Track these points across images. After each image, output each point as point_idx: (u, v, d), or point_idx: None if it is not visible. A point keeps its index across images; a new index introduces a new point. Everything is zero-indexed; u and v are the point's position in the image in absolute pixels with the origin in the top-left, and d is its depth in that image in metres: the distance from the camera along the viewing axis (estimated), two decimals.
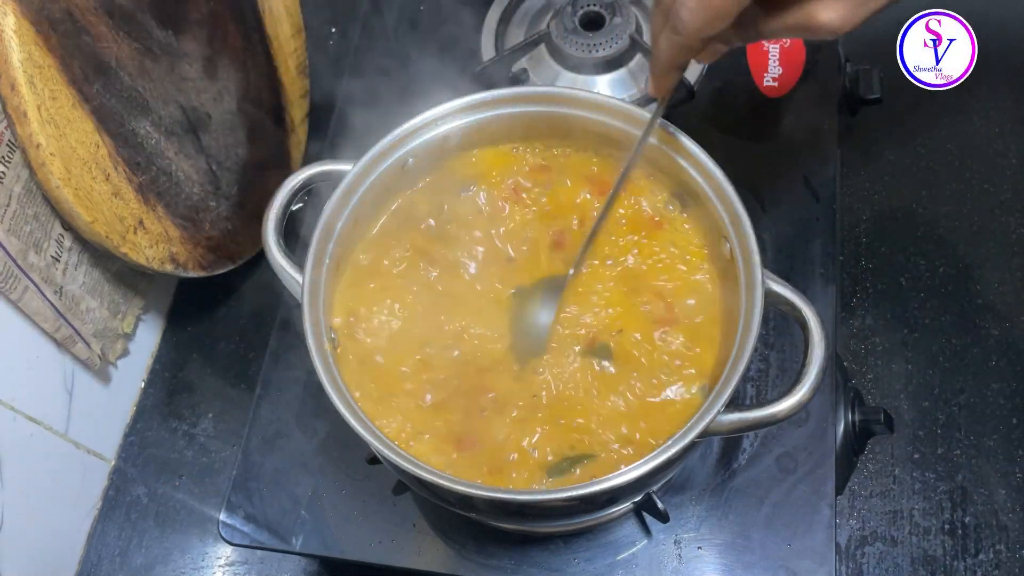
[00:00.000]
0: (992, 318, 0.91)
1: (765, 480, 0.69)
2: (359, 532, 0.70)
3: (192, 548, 0.87)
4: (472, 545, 0.69)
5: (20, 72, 0.63)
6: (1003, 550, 0.81)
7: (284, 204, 0.62)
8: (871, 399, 0.88)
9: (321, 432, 0.74)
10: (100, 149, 0.70)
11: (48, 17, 0.64)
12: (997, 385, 0.88)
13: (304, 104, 0.99)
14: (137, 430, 0.92)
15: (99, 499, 0.89)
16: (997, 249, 0.94)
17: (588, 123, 0.64)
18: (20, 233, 0.69)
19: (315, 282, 0.59)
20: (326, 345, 0.58)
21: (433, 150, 0.65)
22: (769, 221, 0.77)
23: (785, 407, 0.54)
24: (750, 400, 0.72)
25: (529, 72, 0.85)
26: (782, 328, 0.74)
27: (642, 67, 0.84)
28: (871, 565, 0.81)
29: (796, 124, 0.82)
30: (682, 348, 0.60)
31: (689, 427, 0.53)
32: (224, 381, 0.94)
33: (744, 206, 0.58)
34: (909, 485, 0.84)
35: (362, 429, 0.54)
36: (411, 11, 0.93)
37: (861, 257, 0.95)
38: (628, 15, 0.84)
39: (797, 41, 0.85)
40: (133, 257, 0.74)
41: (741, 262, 0.57)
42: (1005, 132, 1.00)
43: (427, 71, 0.88)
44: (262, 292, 0.96)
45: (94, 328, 0.81)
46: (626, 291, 0.62)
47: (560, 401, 0.60)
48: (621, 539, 0.68)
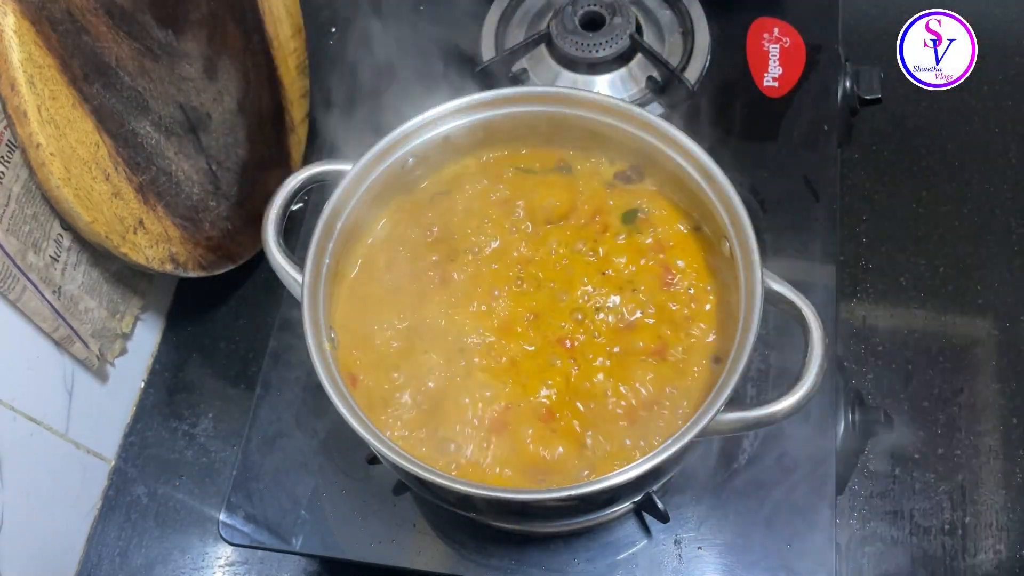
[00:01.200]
0: (992, 318, 0.91)
1: (765, 480, 0.69)
2: (359, 532, 0.70)
3: (192, 548, 0.87)
4: (472, 545, 0.69)
5: (20, 72, 0.63)
6: (1003, 550, 0.81)
7: (284, 204, 0.63)
8: (871, 399, 0.88)
9: (321, 432, 0.74)
10: (100, 149, 0.70)
11: (48, 17, 0.64)
12: (997, 385, 0.88)
13: (304, 104, 0.99)
14: (137, 430, 0.92)
15: (99, 499, 0.89)
16: (997, 249, 0.94)
17: (588, 123, 0.64)
18: (19, 233, 0.69)
19: (315, 282, 0.59)
20: (326, 345, 0.58)
21: (433, 150, 0.65)
22: (769, 221, 0.77)
23: (785, 406, 0.54)
24: (750, 400, 0.72)
25: (529, 72, 0.85)
26: (782, 328, 0.73)
27: (642, 67, 0.84)
28: (871, 565, 0.81)
29: (796, 124, 0.82)
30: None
31: (689, 426, 0.53)
32: (224, 381, 0.94)
33: (744, 206, 0.58)
34: (909, 485, 0.84)
35: (362, 429, 0.54)
36: (411, 11, 0.93)
37: (861, 257, 0.95)
38: (628, 15, 0.84)
39: (797, 41, 0.85)
40: (133, 257, 0.74)
41: (741, 262, 0.57)
42: (1005, 132, 1.00)
43: (427, 71, 0.88)
44: (262, 292, 0.96)
45: (92, 328, 0.81)
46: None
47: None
48: (621, 539, 0.68)
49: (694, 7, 0.87)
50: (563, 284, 0.64)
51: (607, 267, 0.64)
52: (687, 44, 0.85)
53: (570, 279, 0.64)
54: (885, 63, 0.87)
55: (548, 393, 0.60)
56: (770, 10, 0.87)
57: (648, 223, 0.65)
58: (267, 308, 0.94)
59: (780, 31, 0.85)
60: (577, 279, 0.64)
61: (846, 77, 0.85)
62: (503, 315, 0.63)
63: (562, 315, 0.63)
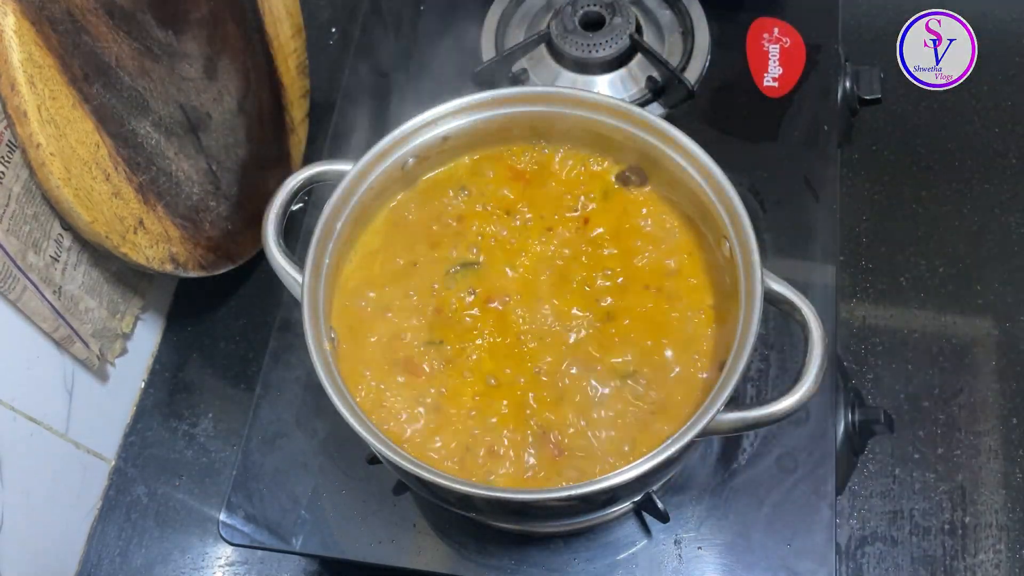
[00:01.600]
0: (992, 318, 0.91)
1: (765, 480, 0.69)
2: (359, 532, 0.70)
3: (192, 548, 0.87)
4: (472, 545, 0.69)
5: (20, 72, 0.63)
6: (1003, 550, 0.81)
7: (284, 204, 0.62)
8: (871, 399, 0.88)
9: (321, 432, 0.74)
10: (100, 149, 0.70)
11: (48, 17, 0.64)
12: (997, 385, 0.88)
13: (304, 104, 0.99)
14: (137, 430, 0.92)
15: (99, 499, 0.89)
16: (997, 249, 0.94)
17: (588, 123, 0.64)
18: (19, 233, 0.69)
19: (315, 282, 0.59)
20: (326, 345, 0.58)
21: (433, 150, 0.65)
22: (769, 221, 0.77)
23: (785, 406, 0.54)
24: (750, 400, 0.72)
25: (529, 72, 0.85)
26: (782, 328, 0.73)
27: (642, 67, 0.84)
28: (871, 565, 0.81)
29: (796, 124, 0.82)
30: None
31: (689, 426, 0.53)
32: (224, 381, 0.94)
33: (744, 206, 0.58)
34: (909, 485, 0.84)
35: (362, 429, 0.54)
36: (411, 11, 0.93)
37: (861, 257, 0.95)
38: (628, 15, 0.84)
39: (797, 41, 0.85)
40: (133, 257, 0.74)
41: (741, 262, 0.57)
42: (1005, 132, 1.00)
43: (427, 71, 0.88)
44: (262, 292, 0.96)
45: (93, 328, 0.81)
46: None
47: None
48: (621, 539, 0.68)
49: (694, 7, 0.87)
50: (563, 287, 0.64)
51: (607, 267, 0.64)
52: (687, 44, 0.85)
53: (573, 279, 0.64)
54: (885, 63, 0.88)
55: (548, 394, 0.60)
56: (770, 10, 0.87)
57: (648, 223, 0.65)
58: (267, 308, 0.94)
59: (780, 31, 0.85)
60: (578, 280, 0.64)
61: (846, 77, 0.86)
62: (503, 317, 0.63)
63: (565, 317, 0.63)
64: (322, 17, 1.11)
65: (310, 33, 0.98)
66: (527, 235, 0.66)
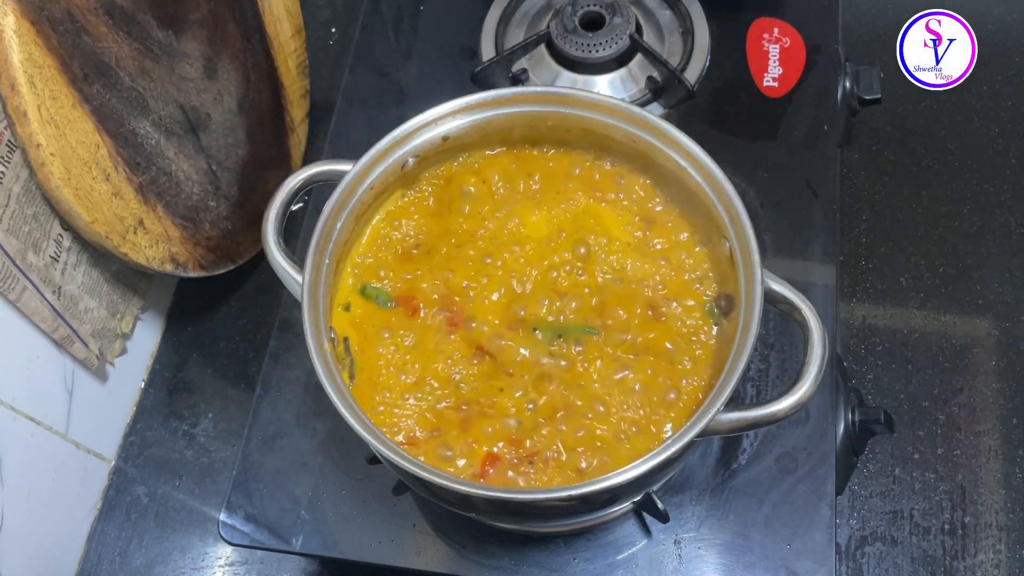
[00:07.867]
0: (992, 318, 0.91)
1: (765, 480, 0.69)
2: (359, 532, 0.70)
3: (192, 548, 0.87)
4: (472, 545, 0.69)
5: (20, 72, 0.63)
6: (1003, 550, 0.81)
7: (284, 204, 0.62)
8: (871, 399, 0.88)
9: (321, 432, 0.74)
10: (100, 149, 0.70)
11: (48, 17, 0.64)
12: (997, 385, 0.88)
13: (304, 104, 0.99)
14: (137, 430, 0.92)
15: (99, 499, 0.89)
16: (997, 249, 0.94)
17: (588, 123, 0.64)
18: (19, 233, 0.69)
19: (315, 282, 0.59)
20: (326, 345, 0.58)
21: (433, 150, 0.65)
22: (769, 221, 0.77)
23: (785, 406, 0.54)
24: (750, 400, 0.72)
25: (529, 72, 0.85)
26: (782, 328, 0.73)
27: (642, 67, 0.84)
28: (871, 565, 0.81)
29: (796, 124, 0.82)
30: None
31: (689, 426, 0.53)
32: (224, 381, 0.94)
33: (744, 206, 0.58)
34: (909, 485, 0.84)
35: (362, 429, 0.54)
36: (411, 11, 0.93)
37: (861, 257, 0.95)
38: (628, 15, 0.84)
39: (797, 41, 0.85)
40: (133, 257, 0.74)
41: (741, 262, 0.57)
42: (1005, 132, 1.00)
43: (427, 71, 0.88)
44: (262, 292, 0.96)
45: (92, 328, 0.81)
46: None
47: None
48: (621, 539, 0.68)
49: (694, 7, 0.87)
50: (563, 288, 0.64)
51: (605, 267, 0.64)
52: (687, 44, 0.85)
53: (575, 278, 0.64)
54: (885, 63, 0.88)
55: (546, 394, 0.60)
56: (770, 10, 0.87)
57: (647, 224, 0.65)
58: (267, 308, 0.94)
59: (780, 31, 0.85)
60: (579, 275, 0.64)
61: (846, 77, 0.86)
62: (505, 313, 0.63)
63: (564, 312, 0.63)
64: (322, 17, 1.11)
65: (310, 33, 0.98)
66: (527, 232, 0.66)
